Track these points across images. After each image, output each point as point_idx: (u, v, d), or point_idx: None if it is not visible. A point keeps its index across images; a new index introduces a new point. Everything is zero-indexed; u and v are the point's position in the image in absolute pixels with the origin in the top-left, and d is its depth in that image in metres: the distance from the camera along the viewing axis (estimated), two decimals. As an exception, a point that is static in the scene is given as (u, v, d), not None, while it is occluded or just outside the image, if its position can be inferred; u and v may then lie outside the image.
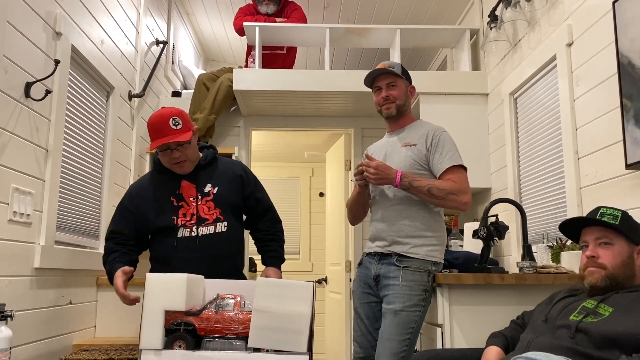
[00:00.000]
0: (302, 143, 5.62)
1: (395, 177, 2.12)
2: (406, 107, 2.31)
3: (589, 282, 1.56)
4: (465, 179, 2.18)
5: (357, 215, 2.44)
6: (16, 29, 1.96)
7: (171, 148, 2.10)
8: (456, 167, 2.16)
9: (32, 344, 2.13)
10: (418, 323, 2.09)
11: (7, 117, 1.93)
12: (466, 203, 2.13)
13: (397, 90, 2.27)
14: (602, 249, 1.56)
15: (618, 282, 1.53)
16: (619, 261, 1.53)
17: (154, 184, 2.20)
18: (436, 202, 2.13)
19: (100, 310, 2.79)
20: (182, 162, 2.13)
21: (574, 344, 1.42)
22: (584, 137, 2.29)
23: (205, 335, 1.91)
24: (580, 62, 2.34)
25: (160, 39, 3.74)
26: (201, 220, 2.13)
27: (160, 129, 2.07)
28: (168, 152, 2.10)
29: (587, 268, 1.58)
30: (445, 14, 4.09)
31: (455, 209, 2.19)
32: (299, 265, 6.03)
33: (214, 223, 2.14)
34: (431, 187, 2.10)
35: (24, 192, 2.03)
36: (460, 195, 2.12)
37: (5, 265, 1.93)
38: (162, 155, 2.14)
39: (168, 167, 2.17)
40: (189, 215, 2.13)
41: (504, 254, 3.05)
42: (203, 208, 2.15)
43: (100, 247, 2.80)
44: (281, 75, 3.47)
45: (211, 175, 2.21)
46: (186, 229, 2.12)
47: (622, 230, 1.54)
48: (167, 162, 2.15)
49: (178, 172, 2.17)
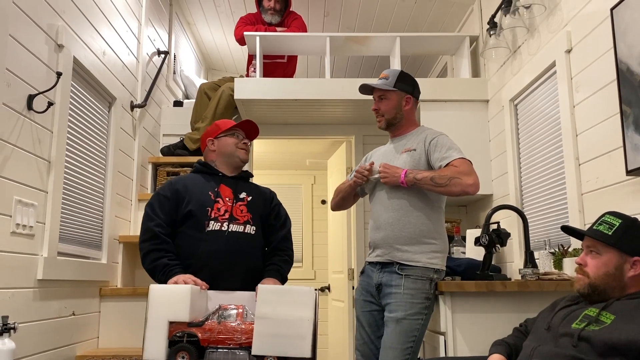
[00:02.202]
0: (303, 151, 5.63)
1: (400, 176, 2.15)
2: (397, 118, 2.33)
3: (575, 288, 1.62)
4: (468, 164, 2.16)
5: (340, 204, 2.52)
6: (18, 41, 1.98)
7: (241, 135, 2.37)
8: (458, 159, 2.16)
9: (36, 356, 2.13)
10: (420, 331, 2.08)
11: (10, 129, 1.94)
12: (472, 185, 2.09)
13: (385, 104, 2.32)
14: (591, 257, 1.59)
15: (600, 292, 1.54)
16: (602, 272, 1.54)
17: (195, 179, 2.33)
18: (441, 190, 2.13)
19: (103, 321, 2.79)
20: (244, 149, 2.36)
21: (577, 352, 1.42)
22: (585, 143, 2.29)
23: (209, 346, 1.91)
24: (579, 68, 2.35)
25: (162, 49, 3.76)
26: (233, 219, 2.22)
27: (232, 122, 2.39)
28: (237, 137, 2.36)
29: (576, 274, 1.63)
30: (445, 21, 4.11)
31: (463, 194, 2.12)
32: (302, 273, 6.02)
33: (244, 224, 2.24)
34: (434, 176, 2.12)
35: (26, 204, 2.04)
36: (464, 177, 2.09)
37: (8, 277, 1.93)
38: (229, 137, 2.35)
39: (232, 151, 2.34)
40: (222, 210, 2.23)
41: (507, 260, 3.04)
42: (237, 209, 2.25)
43: (103, 257, 2.80)
44: (282, 84, 3.48)
45: (246, 188, 2.36)
46: (217, 222, 2.20)
47: (611, 243, 1.54)
48: (236, 144, 2.35)
49: (242, 157, 2.35)
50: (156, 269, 2.13)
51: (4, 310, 1.88)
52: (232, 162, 2.35)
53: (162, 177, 3.47)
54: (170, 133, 3.78)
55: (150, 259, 2.15)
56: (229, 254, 2.16)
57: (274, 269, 2.26)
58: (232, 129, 2.37)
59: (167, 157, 3.56)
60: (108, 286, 2.85)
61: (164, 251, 2.15)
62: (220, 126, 2.39)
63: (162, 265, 2.12)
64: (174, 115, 3.84)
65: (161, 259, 2.13)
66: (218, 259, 2.15)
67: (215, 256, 2.15)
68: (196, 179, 2.32)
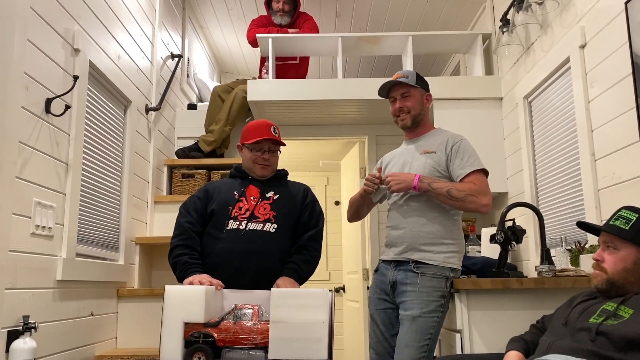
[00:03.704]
0: (316, 152, 5.64)
1: (414, 180, 2.12)
2: (421, 116, 2.31)
3: (593, 284, 1.60)
4: (486, 182, 2.17)
5: (355, 215, 2.48)
6: (36, 46, 2.02)
7: (264, 149, 2.29)
8: (477, 172, 2.15)
9: (56, 355, 2.16)
10: (436, 329, 2.08)
11: (29, 132, 1.98)
12: (486, 205, 2.11)
13: (411, 101, 2.28)
14: (608, 253, 1.58)
15: (618, 287, 1.53)
16: (620, 267, 1.53)
17: (227, 182, 2.38)
18: (456, 204, 2.12)
19: (121, 321, 2.82)
20: (267, 166, 2.31)
21: (595, 347, 1.41)
22: (600, 138, 2.27)
23: (225, 346, 1.92)
24: (594, 63, 2.33)
25: (175, 52, 3.80)
26: (253, 217, 2.23)
27: (261, 130, 2.29)
28: (260, 152, 2.29)
29: (593, 270, 1.61)
30: (457, 19, 4.10)
31: (475, 211, 2.16)
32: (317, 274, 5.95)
33: (264, 222, 2.23)
34: (450, 189, 2.10)
35: (45, 206, 2.08)
36: (480, 197, 2.10)
37: (28, 278, 1.96)
38: (252, 152, 2.30)
39: (249, 167, 2.33)
40: (244, 209, 2.24)
41: (522, 258, 3.02)
42: (259, 208, 2.26)
43: (120, 259, 2.83)
44: (294, 85, 3.50)
45: (277, 187, 2.35)
46: (236, 221, 2.22)
47: (628, 237, 1.53)
48: (254, 159, 2.31)
49: (258, 173, 2.32)
50: (176, 265, 2.18)
51: (25, 310, 1.92)
52: (252, 174, 2.35)
53: (177, 179, 3.50)
54: (184, 136, 3.81)
55: (174, 254, 2.20)
56: (244, 253, 2.17)
57: (291, 267, 2.22)
58: (253, 144, 2.30)
59: (182, 160, 3.60)
60: (125, 287, 2.88)
61: (188, 248, 2.20)
62: (246, 134, 2.33)
63: (182, 263, 2.16)
64: (188, 118, 3.88)
65: (183, 256, 2.17)
66: (233, 258, 2.16)
67: (231, 255, 2.17)
68: (228, 182, 2.37)
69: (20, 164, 1.92)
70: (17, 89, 1.87)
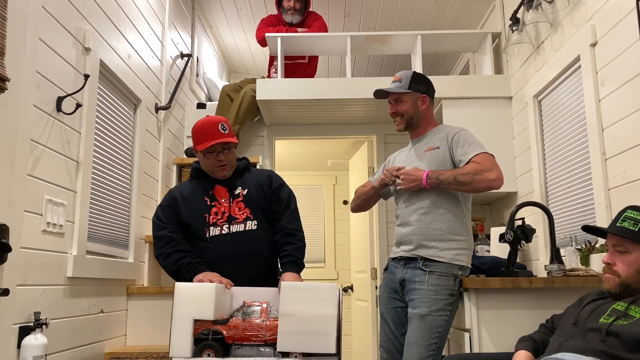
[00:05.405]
0: (325, 151, 5.64)
1: (423, 178, 2.14)
2: (416, 118, 2.33)
3: (605, 288, 1.58)
4: (490, 159, 2.14)
5: (361, 205, 2.50)
6: (48, 45, 2.04)
7: (217, 151, 2.23)
8: (480, 154, 2.15)
9: (66, 352, 2.18)
10: (445, 328, 2.07)
11: (41, 130, 1.99)
12: (495, 179, 2.09)
13: (403, 106, 2.33)
14: (618, 256, 1.56)
15: (632, 290, 1.52)
16: (633, 270, 1.51)
17: (191, 187, 2.33)
18: (466, 188, 2.13)
19: (131, 318, 2.84)
20: (224, 165, 2.26)
21: (605, 347, 1.40)
22: (611, 137, 2.26)
23: (234, 343, 1.93)
24: (604, 62, 2.31)
25: (185, 52, 3.82)
26: (232, 219, 2.22)
27: (210, 132, 2.23)
28: (214, 154, 2.24)
29: (605, 274, 1.59)
30: (467, 18, 4.08)
31: (487, 189, 2.12)
32: (325, 273, 6.02)
33: (244, 221, 2.22)
34: (456, 175, 2.11)
35: (56, 204, 2.10)
36: (486, 172, 2.09)
37: (39, 274, 1.98)
38: (206, 157, 2.25)
39: (209, 170, 2.29)
40: (220, 213, 2.23)
41: (532, 258, 3.01)
42: (234, 208, 2.24)
43: (130, 256, 2.85)
44: (303, 85, 3.50)
45: (242, 180, 2.33)
46: (217, 227, 2.20)
47: (639, 239, 1.51)
48: (211, 164, 2.26)
49: (219, 175, 2.29)
50: (180, 269, 2.16)
51: (36, 306, 1.94)
52: (214, 175, 2.31)
53: (187, 177, 3.52)
54: (193, 134, 3.82)
55: (172, 259, 2.17)
56: (236, 257, 2.18)
57: (289, 260, 2.21)
58: (205, 150, 2.24)
59: (191, 159, 3.61)
60: (135, 285, 2.90)
61: (184, 252, 2.19)
62: (195, 138, 2.27)
63: (186, 264, 2.15)
64: (197, 117, 3.87)
65: (184, 259, 2.16)
66: (226, 264, 2.16)
67: (223, 261, 2.17)
68: (193, 186, 2.32)
69: (32, 162, 1.93)
70: (28, 87, 1.89)
